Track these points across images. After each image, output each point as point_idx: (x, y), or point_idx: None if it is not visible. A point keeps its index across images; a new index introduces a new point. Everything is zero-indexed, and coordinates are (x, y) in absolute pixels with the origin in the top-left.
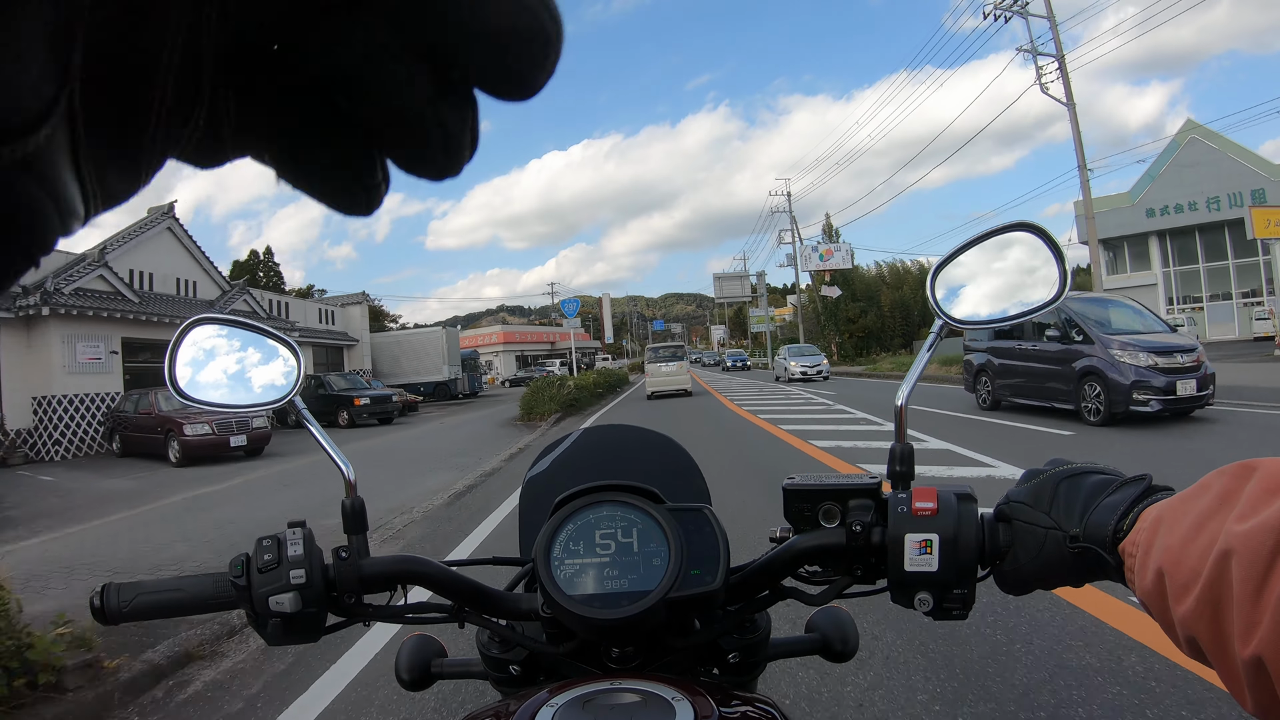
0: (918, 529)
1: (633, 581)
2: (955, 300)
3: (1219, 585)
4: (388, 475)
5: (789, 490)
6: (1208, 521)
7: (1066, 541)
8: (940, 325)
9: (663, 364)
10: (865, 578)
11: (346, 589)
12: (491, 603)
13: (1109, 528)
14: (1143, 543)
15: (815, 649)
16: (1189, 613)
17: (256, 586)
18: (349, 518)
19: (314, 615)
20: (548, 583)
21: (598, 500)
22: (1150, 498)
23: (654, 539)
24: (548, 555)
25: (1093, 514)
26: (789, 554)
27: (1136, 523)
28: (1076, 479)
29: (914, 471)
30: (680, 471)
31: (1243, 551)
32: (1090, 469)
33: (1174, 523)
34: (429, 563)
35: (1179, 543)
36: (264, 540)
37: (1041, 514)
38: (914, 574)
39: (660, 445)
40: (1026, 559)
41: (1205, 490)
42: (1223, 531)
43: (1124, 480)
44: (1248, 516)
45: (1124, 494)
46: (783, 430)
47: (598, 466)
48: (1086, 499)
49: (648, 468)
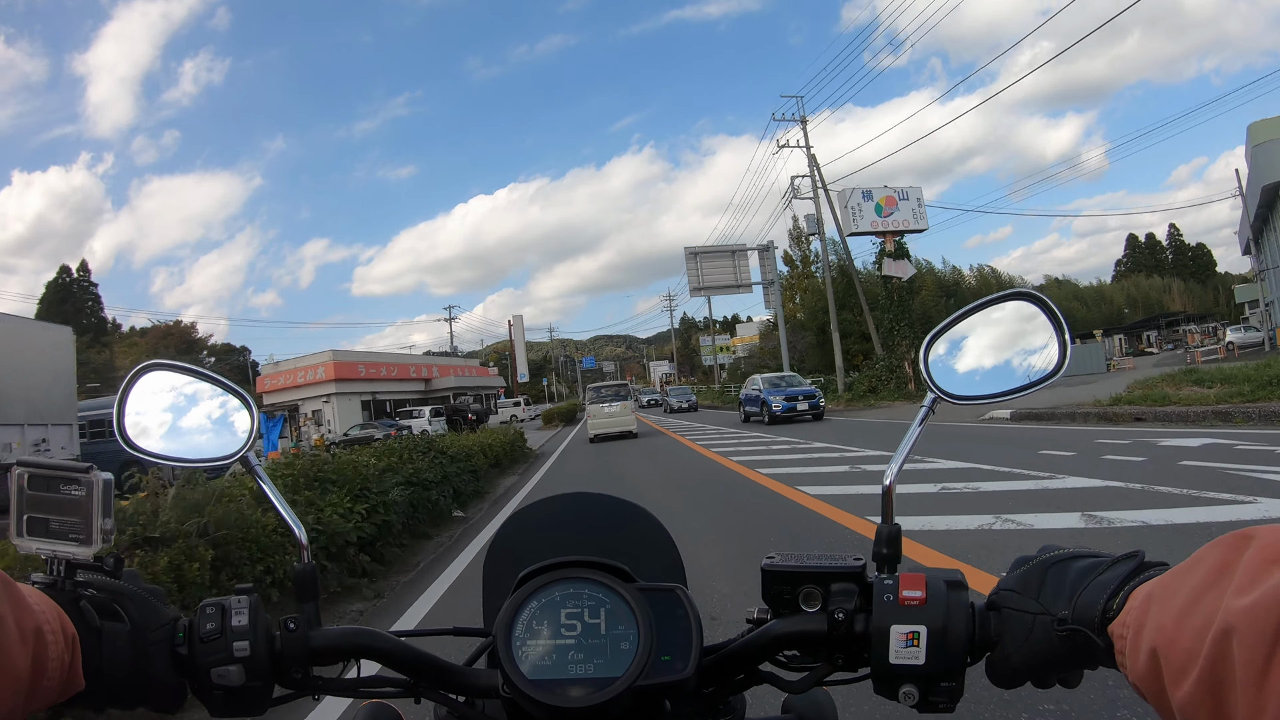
0: (905, 620)
1: (599, 666)
2: (950, 372)
3: (1220, 666)
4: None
5: (767, 571)
6: (1203, 596)
7: (1054, 625)
8: (933, 399)
9: (605, 404)
10: (846, 665)
11: (294, 662)
12: (449, 678)
13: (1098, 608)
14: (1133, 623)
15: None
16: (1188, 697)
17: (199, 657)
18: (300, 584)
19: (259, 689)
20: (508, 664)
21: (564, 576)
22: (1143, 575)
23: (623, 620)
24: (509, 634)
25: (1081, 595)
26: (766, 638)
27: (1127, 602)
28: (1066, 563)
29: (901, 554)
30: (653, 545)
31: (1244, 630)
32: (1081, 553)
33: (1167, 600)
34: (382, 636)
35: (1173, 621)
36: (207, 607)
37: (1030, 600)
38: (899, 667)
39: (633, 516)
40: (1014, 647)
41: (1199, 563)
42: (1221, 608)
43: (1115, 559)
44: (1247, 590)
45: (1114, 573)
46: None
47: (566, 537)
48: (1075, 581)
49: (618, 541)
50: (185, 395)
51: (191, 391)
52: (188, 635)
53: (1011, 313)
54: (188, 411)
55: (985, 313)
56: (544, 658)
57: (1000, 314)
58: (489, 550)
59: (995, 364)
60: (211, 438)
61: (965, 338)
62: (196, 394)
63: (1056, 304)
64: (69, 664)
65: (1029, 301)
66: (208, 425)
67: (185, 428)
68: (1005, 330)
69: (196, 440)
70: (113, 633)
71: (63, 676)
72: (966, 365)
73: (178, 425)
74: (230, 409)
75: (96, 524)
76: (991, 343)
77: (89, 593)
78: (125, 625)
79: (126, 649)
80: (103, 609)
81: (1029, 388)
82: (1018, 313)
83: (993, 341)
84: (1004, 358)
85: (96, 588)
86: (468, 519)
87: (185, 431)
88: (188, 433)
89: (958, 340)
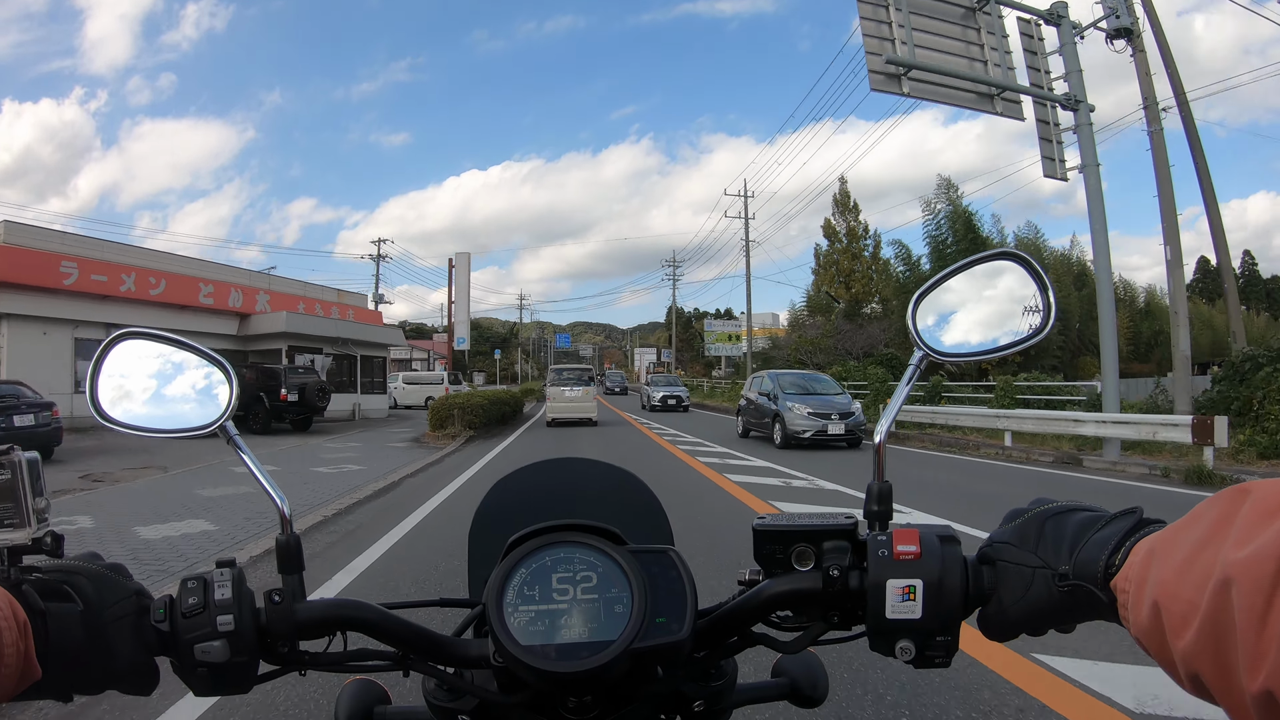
0: (900, 574)
1: (593, 631)
2: (938, 331)
3: (1220, 617)
4: None
5: (759, 531)
6: (1203, 550)
7: (1055, 580)
8: (920, 357)
9: (566, 388)
10: (841, 623)
11: (280, 635)
12: (439, 649)
13: (1100, 563)
14: (1135, 577)
15: (783, 695)
16: (1189, 648)
17: (181, 633)
18: (284, 556)
19: (244, 664)
20: (500, 632)
21: (555, 541)
22: (1142, 530)
23: (616, 584)
24: (500, 601)
25: (1082, 550)
26: (760, 599)
27: (1129, 557)
28: (1062, 516)
29: (892, 512)
30: (642, 510)
31: (1243, 580)
32: (1076, 506)
33: (1167, 554)
34: (370, 607)
35: (1174, 574)
36: (189, 581)
37: (1028, 553)
38: (896, 621)
39: (621, 481)
40: (1012, 601)
41: (1198, 519)
42: (1219, 560)
43: (1113, 515)
44: (1245, 542)
45: (1114, 528)
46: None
47: (554, 503)
48: (1074, 535)
49: (607, 505)
50: (162, 364)
51: (168, 360)
52: (169, 611)
53: (998, 272)
54: (164, 380)
55: (972, 271)
56: (536, 623)
57: (987, 273)
58: (474, 519)
59: (982, 322)
60: (189, 407)
61: (952, 296)
62: (173, 363)
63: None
64: (24, 651)
65: (1015, 262)
66: (185, 394)
67: (161, 397)
68: (992, 289)
69: (173, 410)
70: (60, 614)
71: (19, 665)
72: (954, 323)
73: (153, 395)
74: (208, 378)
75: (27, 505)
76: (979, 301)
77: (33, 576)
78: (76, 605)
79: (77, 630)
80: (51, 590)
81: (1014, 345)
82: (1004, 272)
83: (980, 300)
84: (991, 316)
85: (45, 570)
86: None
87: (161, 401)
88: (164, 402)
89: (945, 299)
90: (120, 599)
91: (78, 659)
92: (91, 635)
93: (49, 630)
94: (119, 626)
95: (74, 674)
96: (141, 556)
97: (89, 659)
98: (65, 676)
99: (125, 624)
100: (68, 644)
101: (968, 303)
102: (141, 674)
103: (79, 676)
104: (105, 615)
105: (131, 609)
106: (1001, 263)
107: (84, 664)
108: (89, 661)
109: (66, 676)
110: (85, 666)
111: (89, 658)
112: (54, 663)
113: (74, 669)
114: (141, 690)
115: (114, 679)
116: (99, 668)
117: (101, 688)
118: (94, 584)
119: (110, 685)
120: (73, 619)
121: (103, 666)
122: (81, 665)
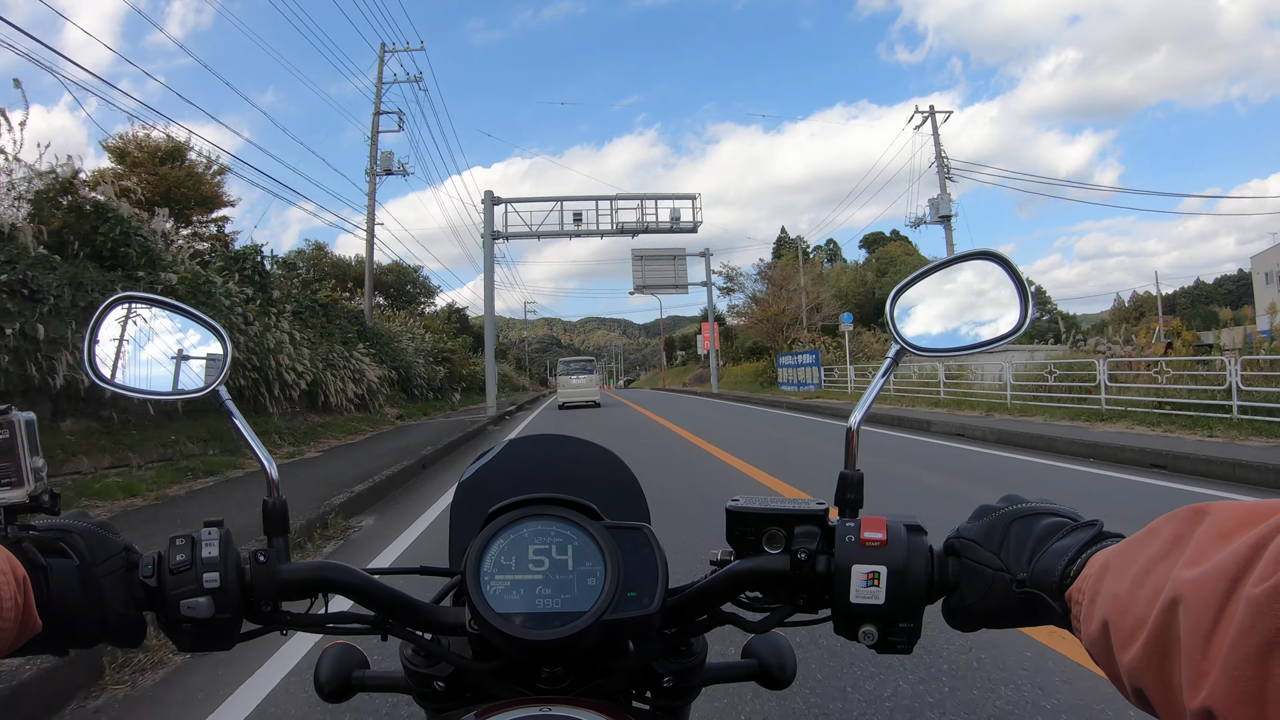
0: (865, 560)
1: (566, 602)
2: (915, 325)
3: (1166, 634)
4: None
5: (732, 512)
6: (1155, 567)
7: (1013, 585)
8: (897, 350)
9: (573, 376)
10: (808, 606)
11: (264, 595)
12: (417, 615)
13: (1056, 573)
14: (1089, 590)
15: (752, 675)
16: (1135, 662)
17: (168, 589)
18: (270, 519)
19: (228, 621)
20: (476, 599)
21: (533, 513)
22: (1099, 543)
23: (590, 557)
24: (477, 570)
25: (1040, 559)
26: (729, 578)
27: (1084, 569)
28: (1029, 520)
29: (863, 499)
30: (620, 487)
31: (1191, 599)
32: (1044, 509)
33: (1121, 570)
34: (352, 570)
35: (1126, 590)
36: (177, 539)
37: (990, 554)
38: (860, 606)
39: (600, 459)
40: (974, 598)
41: (1154, 535)
42: (1170, 577)
43: (1075, 525)
44: (1197, 562)
45: (1073, 539)
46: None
47: (534, 477)
48: (1036, 543)
49: (586, 482)
50: (156, 328)
51: (162, 324)
52: (157, 567)
53: (976, 271)
54: (159, 344)
55: (951, 270)
56: (511, 592)
57: (966, 272)
58: (457, 492)
59: (959, 320)
60: (183, 371)
61: (931, 293)
62: (169, 327)
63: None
64: (23, 605)
65: (993, 261)
66: (179, 358)
67: (155, 360)
68: (970, 288)
69: (167, 373)
70: (60, 568)
71: (18, 619)
72: (932, 320)
73: (148, 358)
74: (201, 342)
75: (25, 464)
76: (957, 299)
77: (31, 533)
78: (72, 560)
79: (75, 583)
80: (48, 547)
81: (990, 343)
82: (982, 271)
83: (958, 298)
84: (968, 314)
85: (40, 528)
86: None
87: (155, 364)
88: (158, 365)
89: (924, 295)
90: (111, 555)
91: (75, 613)
92: (87, 589)
93: (50, 584)
94: (111, 580)
95: (71, 626)
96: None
97: (85, 610)
98: (62, 630)
99: (116, 579)
100: (67, 597)
101: (946, 300)
102: (130, 627)
103: (75, 629)
104: (99, 570)
105: (121, 564)
106: (981, 262)
107: (80, 616)
108: (85, 613)
109: (64, 630)
110: (81, 619)
111: (84, 609)
112: (53, 616)
113: (71, 621)
114: (130, 643)
115: (105, 632)
116: (94, 621)
117: (94, 641)
118: (87, 540)
119: (102, 639)
120: (70, 574)
121: (96, 619)
122: (77, 617)
